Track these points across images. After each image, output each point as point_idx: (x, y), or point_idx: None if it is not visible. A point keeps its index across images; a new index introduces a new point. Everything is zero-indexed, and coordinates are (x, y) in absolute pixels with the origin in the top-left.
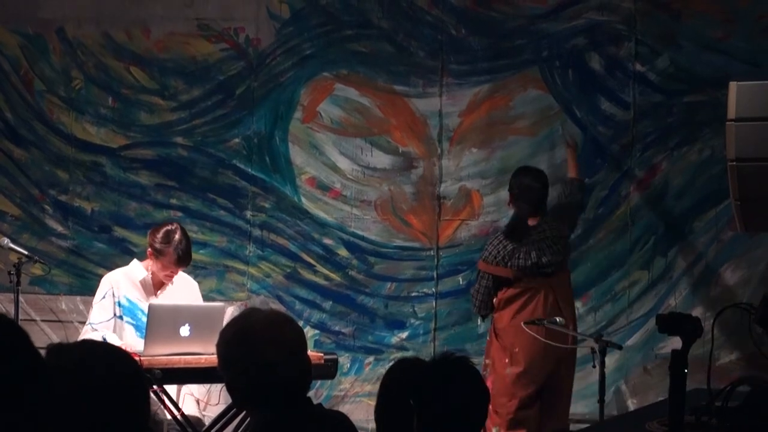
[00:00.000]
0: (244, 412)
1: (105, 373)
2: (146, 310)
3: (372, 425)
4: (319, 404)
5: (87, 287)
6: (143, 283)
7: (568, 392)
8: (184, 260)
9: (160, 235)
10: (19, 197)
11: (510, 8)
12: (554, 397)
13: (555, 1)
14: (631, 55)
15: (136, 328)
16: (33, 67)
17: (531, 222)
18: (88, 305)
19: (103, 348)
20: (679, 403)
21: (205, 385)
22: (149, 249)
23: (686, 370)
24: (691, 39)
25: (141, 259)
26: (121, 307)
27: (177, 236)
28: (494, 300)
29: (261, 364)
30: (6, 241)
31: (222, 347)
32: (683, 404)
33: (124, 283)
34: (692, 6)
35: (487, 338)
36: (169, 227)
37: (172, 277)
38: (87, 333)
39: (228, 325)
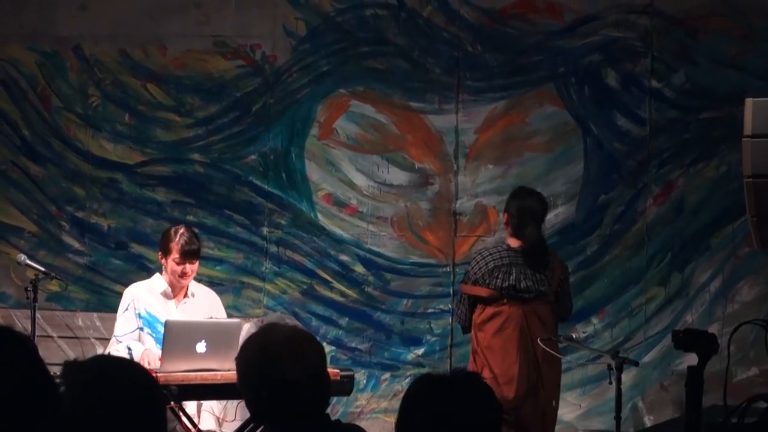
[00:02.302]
0: (261, 428)
1: (120, 389)
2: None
3: None
4: (337, 420)
5: (104, 304)
6: (164, 296)
7: (549, 415)
8: (189, 252)
9: (165, 234)
10: (36, 214)
11: (526, 25)
12: (531, 419)
13: (571, 18)
14: (648, 71)
15: (156, 340)
16: (50, 84)
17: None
18: (105, 321)
19: (119, 363)
20: (696, 419)
21: (221, 401)
22: (159, 253)
23: (702, 387)
24: (707, 55)
25: (161, 272)
26: (141, 319)
27: (181, 230)
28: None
29: (281, 381)
30: (23, 257)
31: (242, 363)
32: (700, 421)
33: (144, 295)
34: (708, 23)
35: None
36: (174, 227)
37: (187, 276)
38: (112, 345)
39: (248, 340)
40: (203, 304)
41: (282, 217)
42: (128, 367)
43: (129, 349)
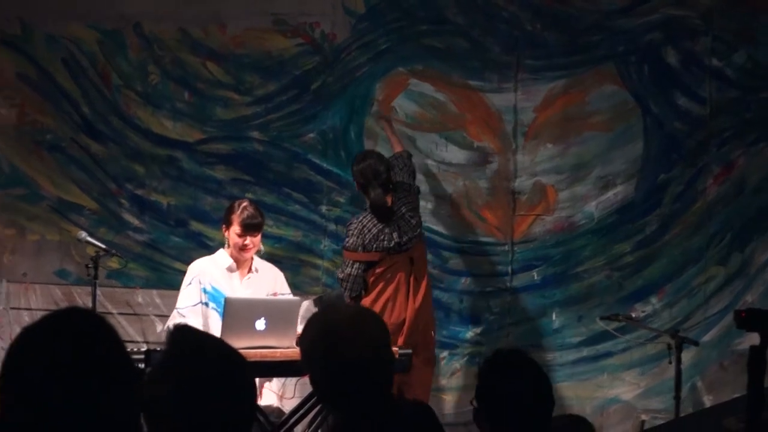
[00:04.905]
0: (320, 406)
1: (222, 361)
2: None
3: (445, 419)
4: (402, 397)
5: (163, 281)
6: (228, 271)
7: (421, 382)
8: (250, 225)
9: (229, 207)
10: (96, 191)
11: (586, 3)
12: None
13: None
14: (708, 50)
15: (221, 315)
16: (110, 62)
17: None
18: (165, 298)
19: (221, 340)
20: (758, 399)
21: (280, 378)
22: (223, 226)
23: (765, 367)
24: None
25: (225, 248)
26: (206, 293)
27: (244, 204)
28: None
29: (346, 361)
30: (83, 234)
31: (306, 344)
32: (762, 401)
33: (209, 270)
34: None
35: None
36: (239, 200)
37: (247, 249)
38: (174, 318)
39: (311, 321)
40: (267, 280)
41: (341, 195)
42: (227, 345)
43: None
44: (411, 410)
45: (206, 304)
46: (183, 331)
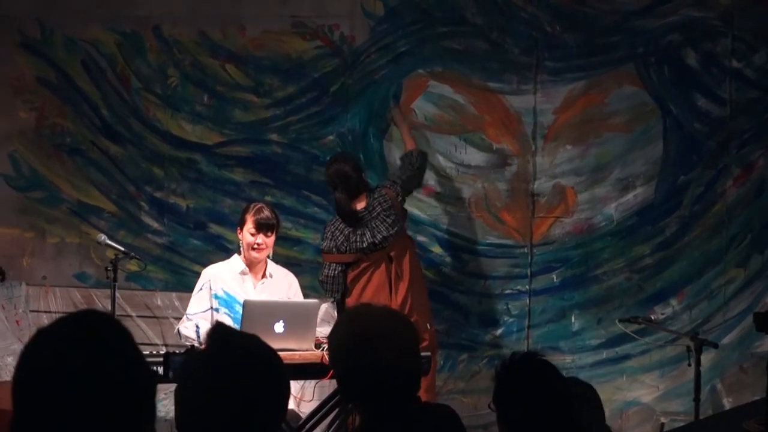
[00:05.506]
0: (338, 409)
1: (263, 358)
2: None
3: (465, 422)
4: (425, 401)
5: (182, 283)
6: (242, 276)
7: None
8: (264, 225)
9: (244, 208)
10: (115, 194)
11: (605, 4)
12: None
13: None
14: (728, 51)
15: (234, 320)
16: (129, 64)
17: (359, 206)
18: (184, 301)
19: (259, 339)
20: None
21: (298, 381)
22: (237, 228)
23: None
24: None
25: (239, 253)
26: (218, 299)
27: (259, 205)
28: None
29: (376, 361)
30: (103, 237)
31: (336, 343)
32: None
33: (222, 275)
34: None
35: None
36: (254, 202)
37: (260, 249)
38: (183, 323)
39: (342, 320)
40: (281, 285)
41: None
42: (266, 345)
43: (197, 327)
44: (435, 412)
45: (217, 310)
46: (222, 330)
